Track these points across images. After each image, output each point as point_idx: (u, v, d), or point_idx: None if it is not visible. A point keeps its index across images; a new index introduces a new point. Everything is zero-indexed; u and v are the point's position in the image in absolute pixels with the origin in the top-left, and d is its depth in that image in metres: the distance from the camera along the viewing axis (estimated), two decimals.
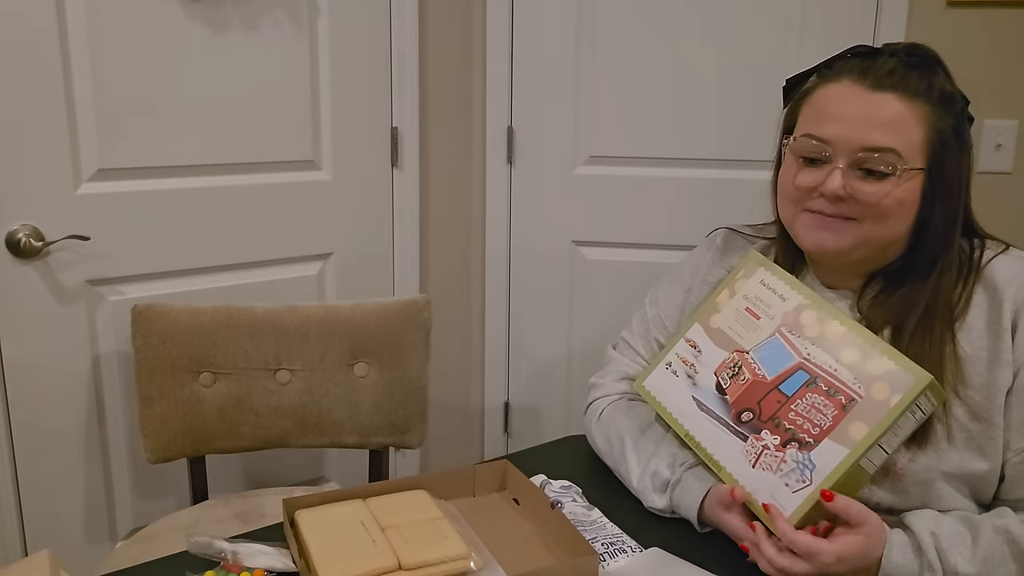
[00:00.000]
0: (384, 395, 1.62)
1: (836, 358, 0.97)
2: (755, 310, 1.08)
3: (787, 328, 1.03)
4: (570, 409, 2.20)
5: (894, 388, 0.92)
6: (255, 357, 1.58)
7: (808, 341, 1.00)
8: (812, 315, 1.02)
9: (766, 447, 0.99)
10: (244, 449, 1.61)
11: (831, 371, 0.97)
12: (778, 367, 1.02)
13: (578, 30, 1.99)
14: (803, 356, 1.00)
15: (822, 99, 1.04)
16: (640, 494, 1.14)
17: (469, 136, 2.11)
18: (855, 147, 0.99)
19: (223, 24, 1.70)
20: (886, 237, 1.02)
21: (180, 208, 1.72)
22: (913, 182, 1.00)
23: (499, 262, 2.16)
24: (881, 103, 0.99)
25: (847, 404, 0.94)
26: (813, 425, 0.96)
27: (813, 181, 1.03)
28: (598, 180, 2.07)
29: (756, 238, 1.24)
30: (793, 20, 1.89)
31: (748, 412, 1.02)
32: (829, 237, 1.03)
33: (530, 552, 1.02)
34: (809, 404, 0.97)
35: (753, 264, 1.12)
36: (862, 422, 0.92)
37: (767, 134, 1.94)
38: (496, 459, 1.18)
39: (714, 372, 1.08)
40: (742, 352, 1.06)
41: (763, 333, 1.05)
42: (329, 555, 0.94)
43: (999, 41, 1.79)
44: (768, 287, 1.08)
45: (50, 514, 1.69)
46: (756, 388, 1.03)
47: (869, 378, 0.94)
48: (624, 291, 2.09)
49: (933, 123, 0.99)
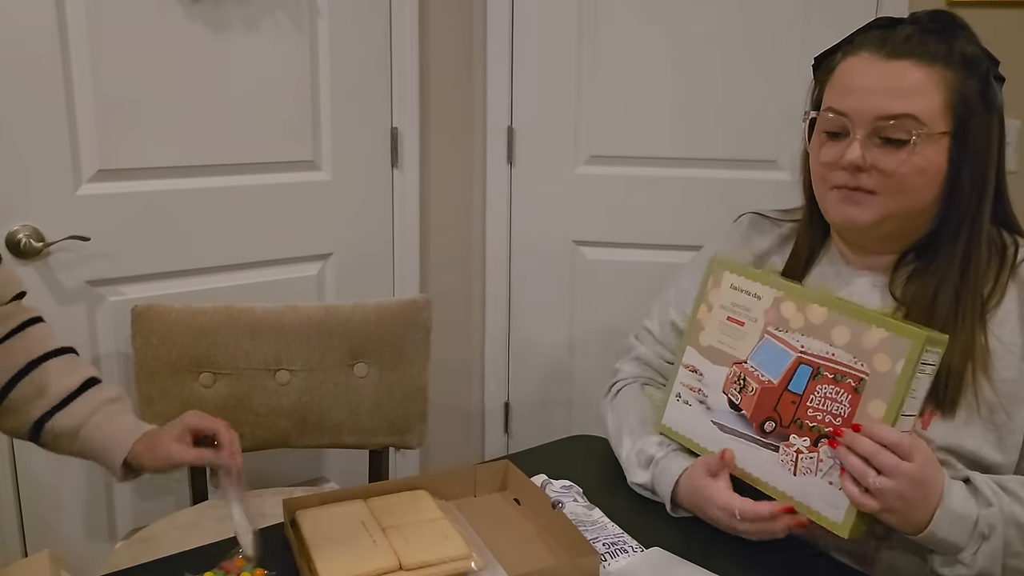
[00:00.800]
0: (384, 395, 1.62)
1: (829, 342, 0.96)
2: (737, 317, 1.07)
3: (773, 326, 1.02)
4: (570, 409, 2.20)
5: (895, 356, 0.91)
6: (255, 357, 1.58)
7: (797, 333, 1.00)
8: (791, 306, 1.01)
9: (799, 451, 0.97)
10: (244, 449, 1.59)
11: (830, 356, 0.96)
12: (779, 368, 1.01)
13: (578, 30, 1.99)
14: (799, 350, 0.99)
15: (842, 73, 1.05)
16: (626, 469, 1.18)
17: (469, 136, 2.11)
18: (872, 116, 0.99)
19: (223, 25, 1.70)
20: (912, 207, 1.01)
21: (180, 208, 1.72)
22: (936, 147, 0.99)
23: (499, 262, 2.16)
24: (898, 71, 0.99)
25: (857, 385, 0.93)
26: (834, 416, 0.95)
27: (835, 155, 1.03)
28: (599, 180, 2.06)
29: (783, 221, 1.23)
30: (795, 19, 1.88)
31: (770, 421, 1.01)
32: (855, 210, 1.03)
33: (531, 552, 1.02)
34: (822, 396, 0.96)
35: (718, 270, 1.11)
36: (878, 399, 0.91)
37: (768, 134, 1.95)
38: (497, 459, 1.18)
39: (722, 391, 1.06)
40: (740, 363, 1.05)
41: (752, 338, 1.04)
42: (330, 555, 0.94)
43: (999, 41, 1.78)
44: (740, 290, 1.07)
45: (50, 514, 1.69)
46: (767, 395, 1.01)
47: (867, 353, 0.93)
48: (625, 291, 2.09)
49: (954, 86, 0.98)
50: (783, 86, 1.91)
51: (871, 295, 1.08)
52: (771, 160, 1.96)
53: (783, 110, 1.91)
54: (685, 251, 2.01)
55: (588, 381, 2.15)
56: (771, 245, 1.22)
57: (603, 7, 1.97)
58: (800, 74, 1.88)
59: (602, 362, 2.09)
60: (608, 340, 2.11)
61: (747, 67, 1.93)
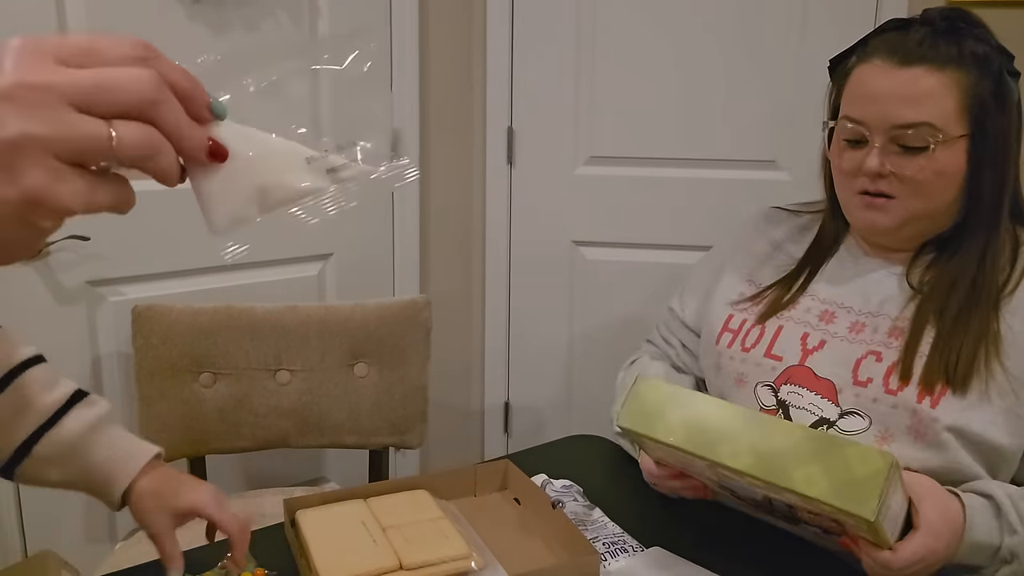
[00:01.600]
0: (384, 395, 1.62)
1: (785, 502, 0.91)
2: (685, 464, 0.99)
3: (721, 481, 0.97)
4: (570, 409, 2.20)
5: (856, 518, 0.82)
6: (255, 357, 1.58)
7: (753, 486, 0.92)
8: (727, 472, 0.91)
9: (815, 533, 0.98)
10: (244, 449, 1.61)
11: (797, 504, 0.89)
12: (754, 495, 0.96)
13: (578, 31, 1.99)
14: (762, 495, 0.94)
15: (857, 80, 1.05)
16: (614, 417, 1.18)
17: (469, 136, 2.11)
18: (888, 125, 1.00)
19: (224, 25, 1.70)
20: (933, 209, 1.03)
21: (180, 209, 1.72)
22: (955, 149, 1.00)
23: (499, 262, 2.16)
24: (911, 79, 0.99)
25: (837, 525, 0.89)
26: (830, 522, 0.90)
27: (856, 163, 1.04)
28: (598, 180, 2.06)
29: (803, 213, 1.25)
30: (794, 18, 1.88)
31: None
32: (878, 216, 1.05)
33: (531, 552, 1.02)
34: (809, 515, 0.92)
35: (636, 439, 0.99)
36: (863, 534, 0.87)
37: (768, 134, 1.95)
38: (497, 459, 1.18)
39: (714, 489, 1.04)
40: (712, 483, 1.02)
41: (710, 476, 0.98)
42: (330, 555, 0.94)
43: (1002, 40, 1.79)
44: (669, 449, 0.95)
45: (50, 514, 1.69)
46: (758, 507, 1.01)
47: (827, 514, 0.86)
48: (624, 291, 2.09)
49: (968, 88, 0.99)
50: (783, 86, 1.91)
51: (887, 283, 1.09)
52: (771, 160, 1.96)
53: (783, 110, 1.91)
54: (685, 251, 2.03)
55: (588, 381, 2.15)
56: (786, 234, 1.23)
57: (602, 7, 1.97)
58: (800, 74, 1.91)
59: (602, 362, 2.09)
60: (608, 340, 2.11)
61: (747, 67, 1.93)
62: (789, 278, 1.16)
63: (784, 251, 1.21)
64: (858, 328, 1.08)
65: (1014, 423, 0.98)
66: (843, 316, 1.10)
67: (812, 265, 1.16)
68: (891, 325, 1.06)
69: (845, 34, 1.15)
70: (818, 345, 1.09)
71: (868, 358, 1.05)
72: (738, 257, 1.24)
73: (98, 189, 0.46)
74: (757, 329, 1.14)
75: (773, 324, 1.13)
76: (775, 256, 1.21)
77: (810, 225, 1.21)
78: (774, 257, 1.21)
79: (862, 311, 1.09)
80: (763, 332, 1.13)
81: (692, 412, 0.93)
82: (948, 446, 0.97)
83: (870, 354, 1.05)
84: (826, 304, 1.12)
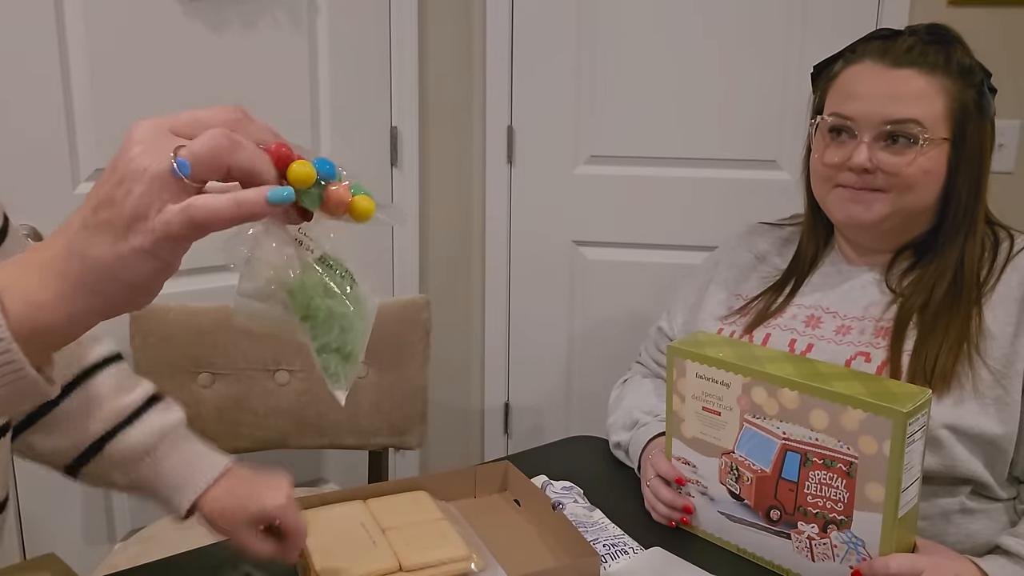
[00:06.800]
0: (384, 396, 1.62)
1: (810, 427, 0.93)
2: (711, 407, 1.02)
3: (749, 414, 0.99)
4: (570, 410, 2.20)
5: (879, 436, 0.87)
6: (254, 358, 1.58)
7: (775, 420, 0.96)
8: (761, 392, 0.97)
9: (811, 538, 0.96)
10: (243, 450, 1.60)
11: (814, 442, 0.93)
12: (768, 456, 0.98)
13: (578, 30, 1.99)
14: (781, 436, 0.96)
15: (846, 80, 1.09)
16: (609, 430, 1.26)
17: (469, 136, 2.11)
18: (878, 121, 1.04)
19: (222, 23, 1.70)
20: (914, 206, 1.06)
21: None
22: (937, 151, 1.04)
23: (499, 262, 2.16)
24: (902, 79, 1.04)
25: (849, 469, 0.90)
26: (835, 502, 0.93)
27: (841, 157, 1.07)
28: (598, 180, 2.06)
29: (784, 225, 1.28)
30: (795, 18, 1.88)
31: (775, 510, 0.99)
32: (860, 209, 1.07)
33: (531, 553, 1.01)
34: (817, 482, 0.94)
35: (679, 359, 1.05)
36: (875, 482, 0.89)
37: (768, 134, 1.95)
38: (497, 460, 1.17)
39: (720, 482, 1.04)
40: (729, 454, 1.02)
41: (733, 427, 1.01)
42: (329, 557, 0.93)
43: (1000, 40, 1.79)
44: (706, 378, 1.02)
45: (49, 514, 1.68)
46: (764, 484, 0.99)
47: (850, 435, 0.90)
48: (624, 291, 2.09)
49: (954, 94, 1.04)
50: (784, 86, 1.90)
51: (870, 289, 1.12)
52: (771, 160, 1.96)
53: (783, 110, 1.91)
54: (685, 251, 2.03)
55: (588, 381, 2.15)
56: (770, 246, 1.26)
57: (603, 7, 1.96)
58: (801, 74, 1.89)
59: (602, 362, 2.09)
60: (608, 340, 2.11)
61: (747, 67, 1.93)
62: (774, 288, 1.19)
63: (768, 263, 1.24)
64: (844, 331, 1.10)
65: (1004, 411, 1.00)
66: (829, 320, 1.12)
67: (797, 276, 1.19)
68: (876, 326, 1.08)
69: (846, 34, 1.16)
70: (806, 349, 1.11)
71: (857, 359, 1.07)
72: (723, 271, 1.27)
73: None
74: (745, 339, 1.16)
75: (761, 333, 1.16)
76: (759, 268, 1.24)
77: (792, 237, 1.24)
78: (759, 269, 1.24)
79: (847, 315, 1.11)
80: (751, 341, 1.15)
81: (745, 348, 1.03)
82: (945, 443, 0.99)
83: (859, 355, 1.07)
84: (811, 310, 1.14)
